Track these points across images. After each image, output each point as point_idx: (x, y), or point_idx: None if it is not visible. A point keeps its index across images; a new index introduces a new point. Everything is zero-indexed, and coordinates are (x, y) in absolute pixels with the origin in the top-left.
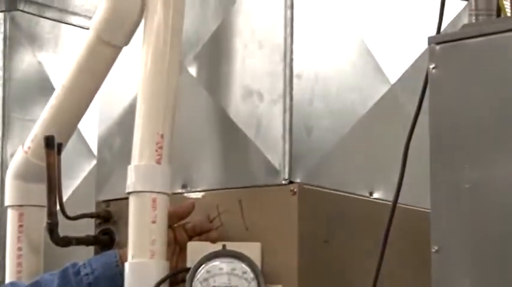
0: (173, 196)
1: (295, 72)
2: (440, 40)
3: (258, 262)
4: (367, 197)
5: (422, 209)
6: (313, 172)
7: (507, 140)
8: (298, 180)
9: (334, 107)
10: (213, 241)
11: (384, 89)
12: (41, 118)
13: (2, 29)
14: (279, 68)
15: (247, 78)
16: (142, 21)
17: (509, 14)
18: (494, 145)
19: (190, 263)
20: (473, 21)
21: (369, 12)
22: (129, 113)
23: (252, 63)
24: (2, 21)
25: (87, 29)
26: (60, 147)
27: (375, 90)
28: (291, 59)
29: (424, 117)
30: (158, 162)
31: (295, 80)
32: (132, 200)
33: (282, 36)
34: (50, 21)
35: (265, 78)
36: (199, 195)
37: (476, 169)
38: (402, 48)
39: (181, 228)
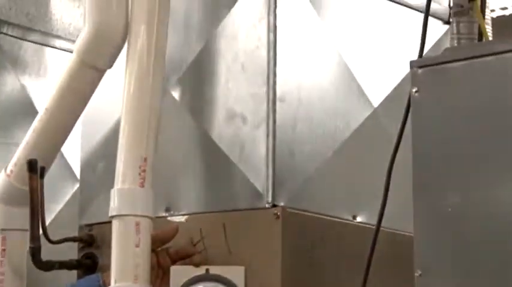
0: (157, 219)
1: (278, 95)
2: (423, 64)
3: (241, 285)
4: (351, 220)
5: (406, 233)
6: (297, 196)
7: (488, 164)
8: (281, 204)
9: (317, 130)
10: (197, 265)
11: (367, 113)
12: (24, 142)
13: None
14: (262, 91)
15: (231, 101)
16: (126, 44)
17: (490, 38)
18: (475, 169)
19: None
20: (455, 45)
21: (352, 36)
22: (112, 136)
23: (235, 86)
24: None
25: (71, 52)
26: (43, 171)
27: (358, 114)
28: (274, 82)
29: (407, 141)
30: (141, 185)
31: (278, 103)
32: (115, 224)
33: (265, 59)
34: (34, 44)
35: (248, 101)
36: (182, 218)
37: (458, 192)
38: (385, 72)
39: (165, 252)
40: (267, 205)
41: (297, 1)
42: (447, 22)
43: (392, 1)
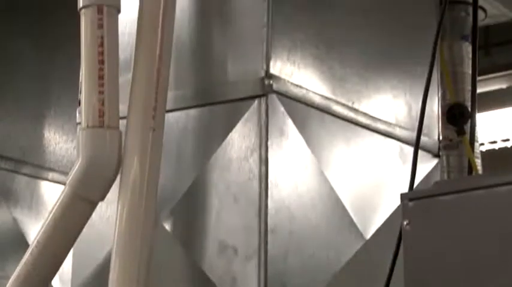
0: None
1: (270, 227)
2: (413, 197)
3: None
4: None
5: None
6: None
7: None
8: None
9: (309, 262)
10: None
11: (358, 245)
12: (14, 275)
13: None
14: (254, 222)
15: (222, 233)
16: (119, 176)
17: (480, 172)
18: None
19: None
20: (445, 178)
21: (343, 168)
22: (104, 268)
23: (227, 217)
24: None
25: (64, 184)
26: None
27: (350, 246)
28: (266, 214)
29: (399, 272)
30: None
31: (270, 235)
32: None
33: (257, 191)
34: (26, 177)
35: (240, 232)
36: None
37: None
38: (376, 205)
39: None
40: None
41: (288, 134)
42: (437, 155)
43: (383, 134)
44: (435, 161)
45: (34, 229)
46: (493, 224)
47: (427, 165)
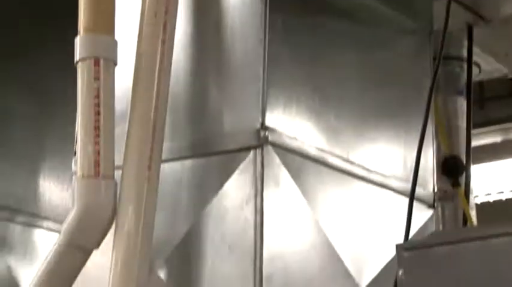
0: None
1: (265, 276)
2: (409, 247)
3: None
4: None
5: None
6: None
7: None
8: None
9: None
10: None
11: None
12: None
13: None
14: (249, 271)
15: (218, 282)
16: (114, 224)
17: (475, 223)
18: None
19: None
20: (441, 229)
21: (338, 219)
22: None
23: (222, 266)
24: None
25: (58, 232)
26: None
27: None
28: (261, 263)
29: None
30: None
31: (265, 284)
32: None
33: (252, 240)
34: (21, 226)
35: (235, 282)
36: None
37: None
38: (371, 255)
39: None
40: None
41: (284, 185)
42: (432, 206)
43: (378, 185)
44: (430, 212)
45: (28, 277)
46: (488, 274)
47: (422, 216)
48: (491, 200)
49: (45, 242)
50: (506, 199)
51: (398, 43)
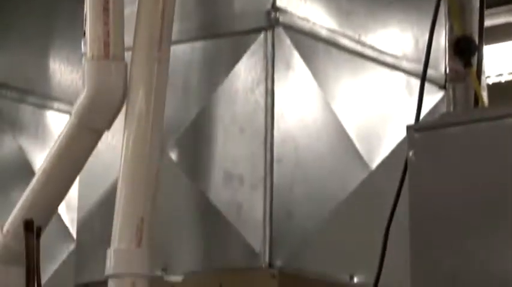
0: (153, 279)
1: (275, 156)
2: (419, 128)
3: None
4: (347, 281)
5: None
6: (294, 256)
7: (485, 226)
8: (278, 263)
9: (314, 191)
10: None
11: (364, 175)
12: (20, 202)
13: None
14: (259, 152)
15: (228, 163)
16: (125, 105)
17: (486, 104)
18: (472, 231)
19: None
20: (451, 110)
21: (349, 100)
22: (110, 195)
23: (233, 147)
24: None
25: (69, 114)
26: (39, 231)
27: (355, 176)
28: (272, 144)
29: (404, 203)
30: (138, 245)
31: (275, 165)
32: (111, 284)
33: (263, 122)
34: (32, 106)
35: (246, 162)
36: (179, 278)
37: (455, 253)
38: (382, 136)
39: None
40: (263, 265)
41: (295, 67)
42: (443, 87)
43: (389, 67)
44: (441, 93)
45: (40, 158)
46: (498, 155)
47: (433, 97)
48: (502, 81)
49: (57, 123)
50: None
51: None
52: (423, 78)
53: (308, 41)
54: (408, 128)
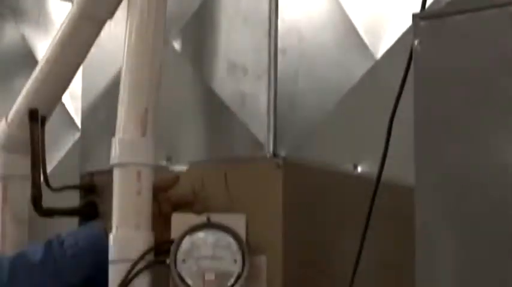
0: (158, 169)
1: (279, 47)
2: (425, 16)
3: (242, 233)
4: (352, 171)
5: (408, 186)
6: (298, 147)
7: (491, 117)
8: (282, 154)
9: (318, 82)
10: (198, 213)
11: (369, 65)
12: (24, 91)
13: None
14: (263, 43)
15: (232, 53)
16: None
17: None
18: (479, 122)
19: (174, 235)
20: None
21: None
22: (114, 85)
23: (237, 38)
24: None
25: (71, 1)
26: (44, 120)
27: (360, 66)
28: (276, 34)
29: (409, 92)
30: (143, 134)
31: (280, 56)
32: (116, 172)
33: (267, 12)
34: None
35: (249, 53)
36: (183, 168)
37: (461, 144)
38: (387, 25)
39: (166, 200)
40: (268, 155)
41: None
42: None
43: None
44: None
45: (42, 46)
46: (507, 43)
47: None
48: None
49: (60, 11)
50: None
51: None
52: None
53: None
54: (414, 16)
